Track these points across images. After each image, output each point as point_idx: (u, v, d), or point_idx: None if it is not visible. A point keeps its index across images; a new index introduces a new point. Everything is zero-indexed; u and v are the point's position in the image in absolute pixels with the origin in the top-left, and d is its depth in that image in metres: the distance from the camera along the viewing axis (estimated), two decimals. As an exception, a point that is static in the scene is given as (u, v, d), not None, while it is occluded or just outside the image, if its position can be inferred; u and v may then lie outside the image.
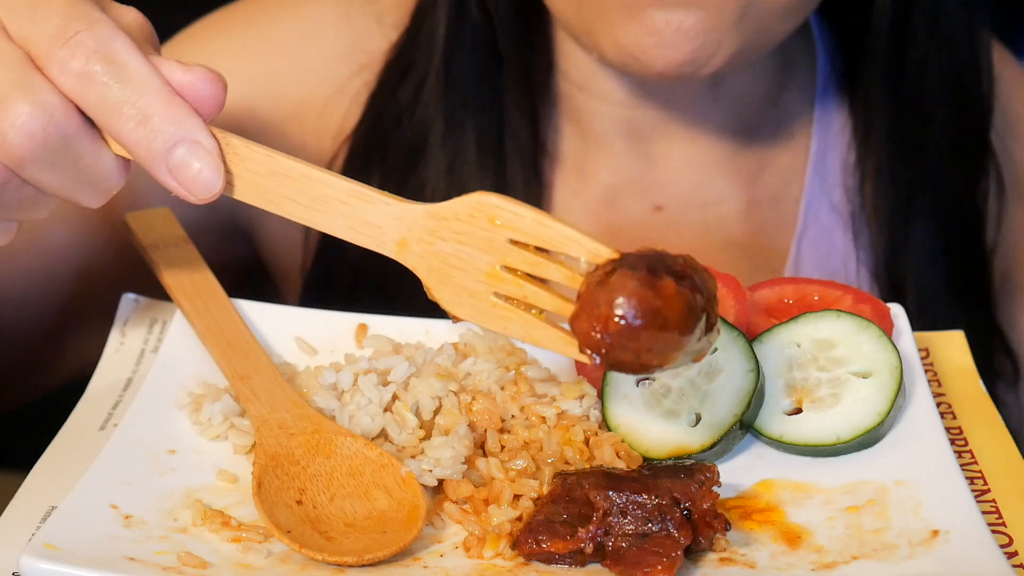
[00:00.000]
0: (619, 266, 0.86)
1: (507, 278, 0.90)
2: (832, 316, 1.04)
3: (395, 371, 1.04)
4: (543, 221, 0.89)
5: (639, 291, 0.85)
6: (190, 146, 0.86)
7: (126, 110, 0.85)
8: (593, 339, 0.86)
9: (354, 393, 1.02)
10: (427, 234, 0.90)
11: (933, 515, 0.92)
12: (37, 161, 0.86)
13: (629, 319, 0.85)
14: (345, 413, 1.01)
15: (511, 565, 0.91)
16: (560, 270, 0.89)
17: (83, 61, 0.85)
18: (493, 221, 0.89)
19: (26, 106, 0.84)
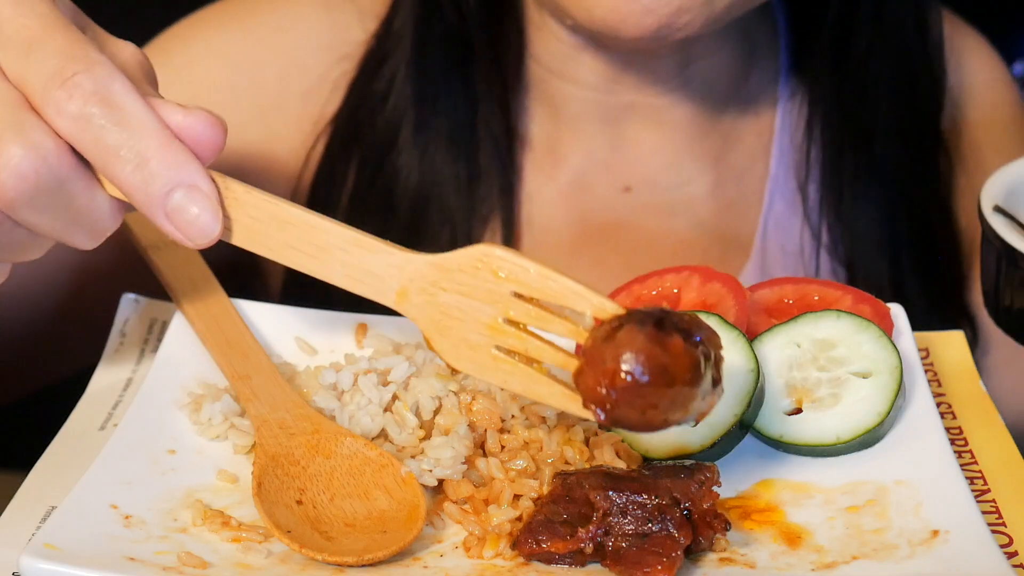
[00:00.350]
0: (626, 322, 0.86)
1: (509, 331, 0.89)
2: (832, 316, 1.04)
3: (395, 371, 1.04)
4: (548, 275, 0.88)
5: (647, 347, 0.84)
6: (188, 191, 0.85)
7: (123, 153, 0.84)
8: (598, 395, 0.85)
9: (354, 393, 1.02)
10: (428, 284, 0.89)
11: (933, 515, 0.92)
12: (29, 203, 0.84)
13: (636, 375, 0.84)
14: (345, 413, 1.01)
15: (511, 565, 0.91)
16: (564, 324, 0.88)
17: (80, 103, 0.83)
18: (497, 273, 0.88)
19: (19, 148, 0.83)
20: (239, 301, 1.12)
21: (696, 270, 1.11)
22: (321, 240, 0.89)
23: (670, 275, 1.11)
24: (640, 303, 1.10)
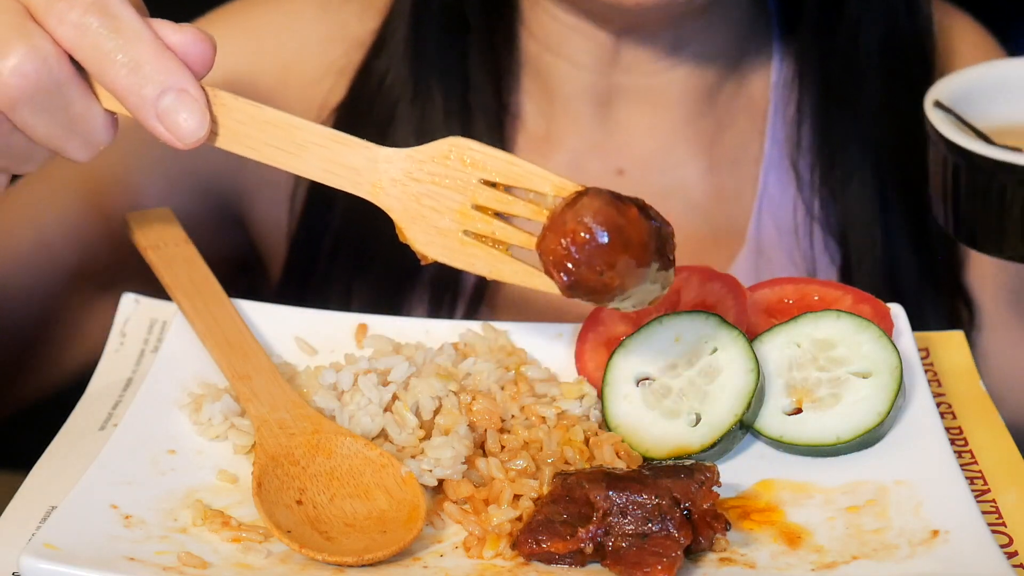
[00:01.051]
0: (585, 194, 0.92)
1: (477, 216, 0.94)
2: (832, 316, 1.04)
3: (395, 371, 1.04)
4: (512, 160, 0.95)
5: (605, 209, 0.90)
6: (178, 94, 0.91)
7: (118, 58, 0.90)
8: (559, 254, 0.91)
9: (354, 393, 1.02)
10: (402, 175, 0.95)
11: (933, 515, 0.92)
12: (29, 103, 0.90)
13: (595, 232, 0.90)
14: (345, 413, 1.01)
15: (511, 565, 0.91)
16: (528, 206, 0.94)
17: (80, 12, 0.89)
18: (465, 161, 0.94)
19: (22, 47, 0.88)
20: (239, 301, 1.12)
21: (696, 270, 1.11)
22: (301, 138, 0.95)
23: (670, 275, 1.11)
24: (640, 303, 1.11)
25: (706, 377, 1.01)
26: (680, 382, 1.02)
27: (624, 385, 1.03)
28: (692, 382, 1.02)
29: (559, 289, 0.92)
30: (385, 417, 1.00)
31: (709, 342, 1.02)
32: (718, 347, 1.02)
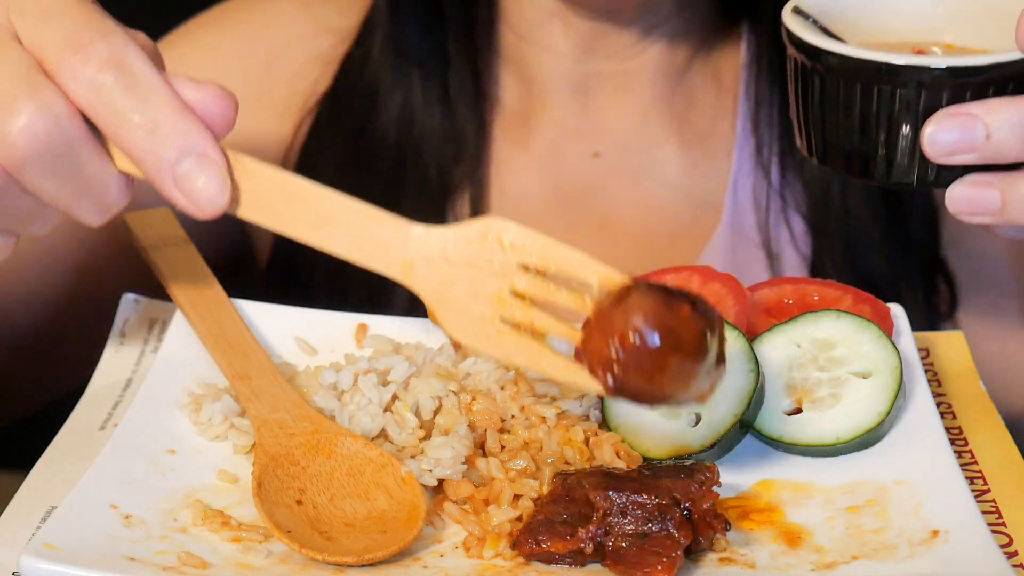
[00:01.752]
0: (634, 289, 0.86)
1: (515, 303, 0.88)
2: (832, 316, 1.04)
3: (395, 371, 1.04)
4: (554, 245, 0.88)
5: (657, 310, 0.84)
6: (198, 159, 0.85)
7: (136, 119, 0.84)
8: (606, 357, 0.85)
9: (354, 393, 1.02)
10: (435, 256, 0.89)
11: (933, 515, 0.92)
12: (39, 165, 0.84)
13: (646, 335, 0.84)
14: (345, 413, 1.01)
15: (511, 565, 0.91)
16: (570, 296, 0.88)
17: (95, 69, 0.83)
18: (503, 245, 0.88)
19: (31, 105, 0.83)
20: (239, 301, 1.12)
21: (696, 270, 1.11)
22: (327, 211, 0.88)
23: (670, 275, 1.11)
24: (640, 303, 1.11)
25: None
26: (680, 382, 1.02)
27: (624, 385, 1.03)
28: (692, 382, 1.02)
29: (603, 390, 0.87)
30: (385, 417, 1.00)
31: (709, 342, 1.02)
32: (718, 347, 1.02)
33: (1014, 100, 0.90)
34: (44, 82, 0.84)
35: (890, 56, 0.93)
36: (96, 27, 0.84)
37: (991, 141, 0.90)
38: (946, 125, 0.91)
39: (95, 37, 0.84)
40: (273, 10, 1.47)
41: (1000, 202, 0.91)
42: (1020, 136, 0.90)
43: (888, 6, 1.04)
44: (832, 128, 0.97)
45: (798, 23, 0.98)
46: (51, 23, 0.84)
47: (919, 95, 0.93)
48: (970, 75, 0.92)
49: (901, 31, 1.03)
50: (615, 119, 1.44)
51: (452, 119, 1.40)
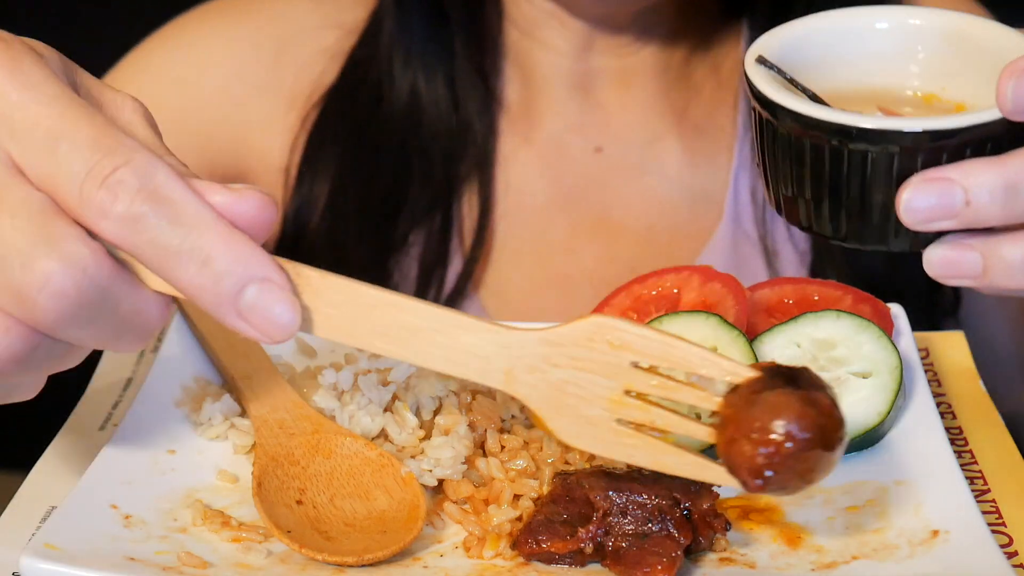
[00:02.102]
0: (769, 384, 0.82)
1: (631, 403, 0.84)
2: (832, 316, 1.04)
3: (395, 371, 1.04)
4: (671, 342, 0.83)
5: (803, 410, 0.81)
6: (261, 285, 0.76)
7: (185, 253, 0.75)
8: (756, 463, 0.81)
9: (354, 393, 1.02)
10: (539, 361, 0.83)
11: (933, 515, 0.92)
12: (71, 321, 0.75)
13: (798, 439, 0.81)
14: (345, 413, 1.01)
15: (511, 565, 0.91)
16: (693, 392, 0.84)
17: (127, 203, 0.74)
18: (613, 344, 0.83)
19: (53, 263, 0.73)
20: (239, 301, 1.12)
21: (696, 270, 1.11)
22: (412, 323, 0.81)
23: (670, 275, 1.11)
24: (640, 303, 1.11)
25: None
26: (680, 382, 1.02)
27: (624, 385, 1.03)
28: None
29: (745, 488, 0.83)
30: (385, 417, 1.00)
31: (709, 342, 1.02)
32: (718, 347, 1.02)
33: (993, 162, 0.85)
34: (64, 229, 0.74)
35: (863, 118, 0.87)
36: (114, 149, 0.75)
37: (970, 207, 0.84)
38: (923, 191, 0.85)
39: (118, 163, 0.74)
40: (284, 1, 1.48)
41: (982, 267, 0.86)
42: (1001, 201, 0.84)
43: (854, 51, 0.98)
44: (800, 188, 0.91)
45: (762, 76, 0.92)
46: (61, 151, 0.75)
47: (893, 158, 0.87)
48: (947, 137, 0.86)
49: (867, 77, 0.98)
50: (616, 115, 1.44)
51: (457, 114, 1.41)
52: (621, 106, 1.44)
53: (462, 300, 1.36)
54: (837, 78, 0.97)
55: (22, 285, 0.74)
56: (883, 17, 0.99)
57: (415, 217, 1.39)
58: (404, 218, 1.39)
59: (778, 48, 0.95)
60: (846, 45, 0.98)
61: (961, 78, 0.96)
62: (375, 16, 1.43)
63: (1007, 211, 0.84)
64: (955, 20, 0.97)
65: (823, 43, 0.98)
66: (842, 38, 0.98)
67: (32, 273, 0.74)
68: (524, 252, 1.41)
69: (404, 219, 1.39)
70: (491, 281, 1.39)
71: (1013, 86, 0.83)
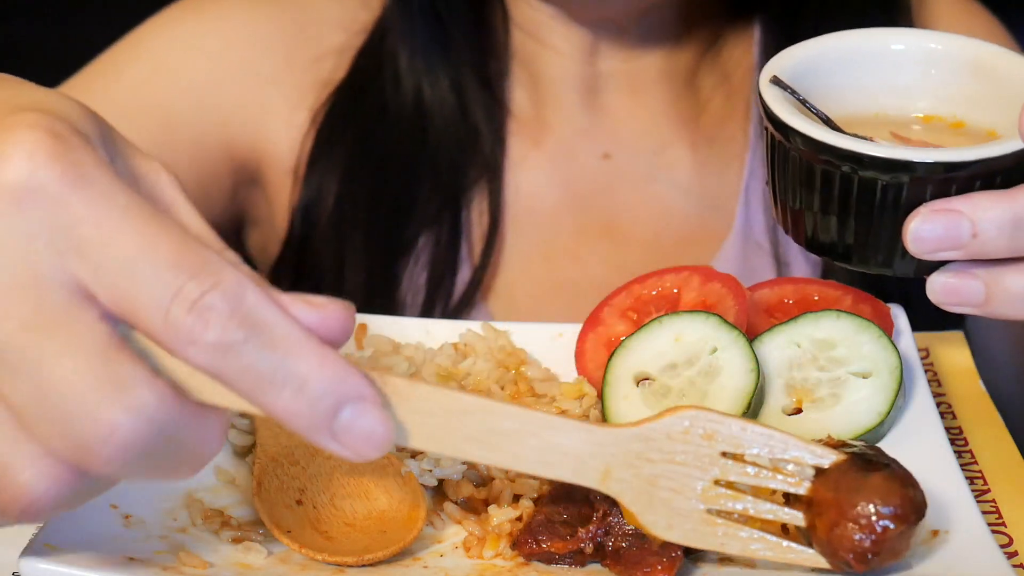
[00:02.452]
0: (860, 467, 0.86)
1: (722, 493, 0.85)
2: (832, 316, 1.04)
3: (395, 371, 1.04)
4: (759, 431, 0.85)
5: (906, 493, 0.85)
6: (355, 405, 0.72)
7: (279, 378, 0.70)
8: (863, 548, 0.84)
9: (354, 393, 1.02)
10: (634, 458, 0.83)
11: (933, 515, 0.92)
12: (130, 467, 0.70)
13: (904, 522, 0.84)
14: (345, 413, 1.01)
15: (511, 565, 0.91)
16: (784, 479, 0.86)
17: (219, 330, 0.68)
18: (706, 435, 0.84)
19: (120, 414, 0.67)
20: (239, 301, 1.12)
21: (696, 270, 1.11)
22: (504, 427, 0.79)
23: (670, 275, 1.11)
24: (640, 303, 1.11)
25: (706, 377, 1.01)
26: (680, 382, 1.02)
27: (624, 385, 1.03)
28: (692, 382, 1.02)
29: (844, 571, 0.86)
30: (385, 417, 1.00)
31: (709, 342, 1.02)
32: (718, 347, 1.02)
33: (1002, 196, 0.86)
34: (130, 371, 0.68)
35: (874, 147, 0.89)
36: (200, 270, 0.69)
37: (977, 240, 0.86)
38: (930, 221, 0.87)
39: (206, 287, 0.68)
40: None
41: (984, 296, 0.88)
42: (1008, 234, 0.85)
43: (868, 73, 0.99)
44: (808, 210, 0.93)
45: (776, 96, 0.93)
46: (141, 273, 0.68)
47: (902, 187, 0.88)
48: (957, 169, 0.87)
49: (881, 100, 0.99)
50: (625, 121, 1.44)
51: (465, 119, 1.40)
52: (630, 113, 1.43)
53: (470, 307, 1.36)
54: (851, 100, 0.98)
55: (83, 435, 0.67)
56: (899, 39, 1.00)
57: (423, 223, 1.38)
58: (412, 223, 1.38)
59: (792, 68, 0.96)
60: (861, 67, 0.99)
61: (966, 104, 0.98)
62: (380, 21, 1.42)
63: (1013, 244, 0.86)
64: (974, 48, 0.98)
65: (837, 64, 0.99)
66: (857, 59, 0.99)
67: (95, 424, 0.67)
68: (532, 258, 1.40)
69: (412, 224, 1.38)
70: (499, 287, 1.38)
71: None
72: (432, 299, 1.36)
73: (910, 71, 1.00)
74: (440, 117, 1.39)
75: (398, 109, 1.40)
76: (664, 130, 1.44)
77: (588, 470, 0.83)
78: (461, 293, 1.36)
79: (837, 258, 0.94)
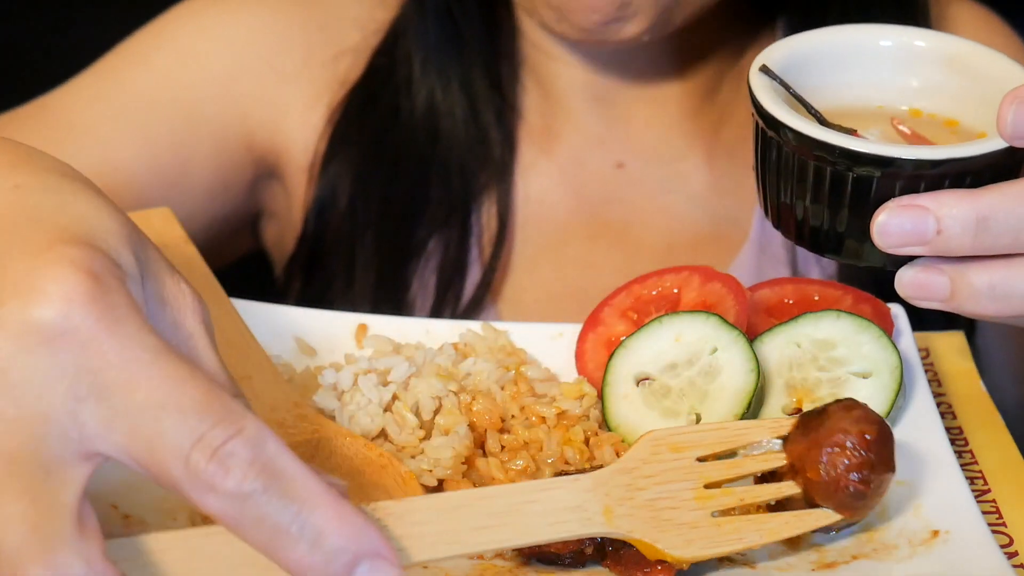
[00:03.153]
0: (811, 415, 0.90)
1: (716, 493, 0.88)
2: (832, 316, 1.04)
3: (395, 371, 1.04)
4: (717, 427, 0.90)
5: (858, 408, 0.89)
6: (371, 561, 0.70)
7: (295, 530, 0.69)
8: (855, 466, 0.87)
9: (354, 393, 1.02)
10: (624, 491, 0.86)
11: (933, 515, 0.92)
12: None
13: (873, 425, 0.88)
14: (345, 413, 1.01)
15: (511, 565, 0.91)
16: (758, 461, 0.90)
17: (239, 478, 0.68)
18: (673, 448, 0.89)
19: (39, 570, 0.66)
20: (239, 301, 1.12)
21: (696, 270, 1.11)
22: (501, 505, 0.82)
23: (670, 275, 1.11)
24: (640, 303, 1.11)
25: (706, 377, 1.01)
26: (680, 382, 1.02)
27: (624, 385, 1.03)
28: (692, 382, 1.02)
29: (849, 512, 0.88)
30: (385, 417, 1.00)
31: (709, 342, 1.02)
32: (718, 347, 1.02)
33: (967, 195, 0.88)
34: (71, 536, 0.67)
35: (845, 139, 0.91)
36: (223, 417, 0.69)
37: (941, 236, 0.88)
38: (897, 216, 0.89)
39: (229, 433, 0.68)
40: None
41: (950, 291, 0.90)
42: (972, 232, 0.87)
43: (856, 68, 1.01)
44: (787, 198, 0.96)
45: (763, 85, 0.96)
46: (166, 420, 0.68)
47: (872, 181, 0.91)
48: (928, 168, 0.89)
49: (867, 93, 1.01)
50: (640, 131, 1.42)
51: (476, 121, 1.39)
52: (645, 122, 1.42)
53: (479, 310, 1.36)
54: (838, 93, 1.00)
55: None
56: (888, 36, 1.02)
57: (434, 225, 1.38)
58: (422, 226, 1.38)
59: (782, 59, 0.98)
60: (849, 61, 1.01)
61: (956, 99, 0.99)
62: (396, 21, 1.42)
63: (977, 242, 0.88)
64: (958, 46, 1.00)
65: (827, 57, 1.01)
66: (846, 53, 1.01)
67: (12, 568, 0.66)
68: (542, 264, 1.39)
69: (422, 227, 1.38)
70: (508, 292, 1.38)
71: (1014, 112, 0.87)
72: (441, 302, 1.36)
73: (901, 67, 1.01)
74: (451, 119, 1.39)
75: (410, 111, 1.39)
76: (680, 141, 1.42)
77: (592, 515, 0.84)
78: (470, 297, 1.36)
79: (811, 246, 0.97)
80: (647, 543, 0.86)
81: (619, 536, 0.86)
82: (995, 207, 0.87)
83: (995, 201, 0.87)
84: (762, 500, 0.89)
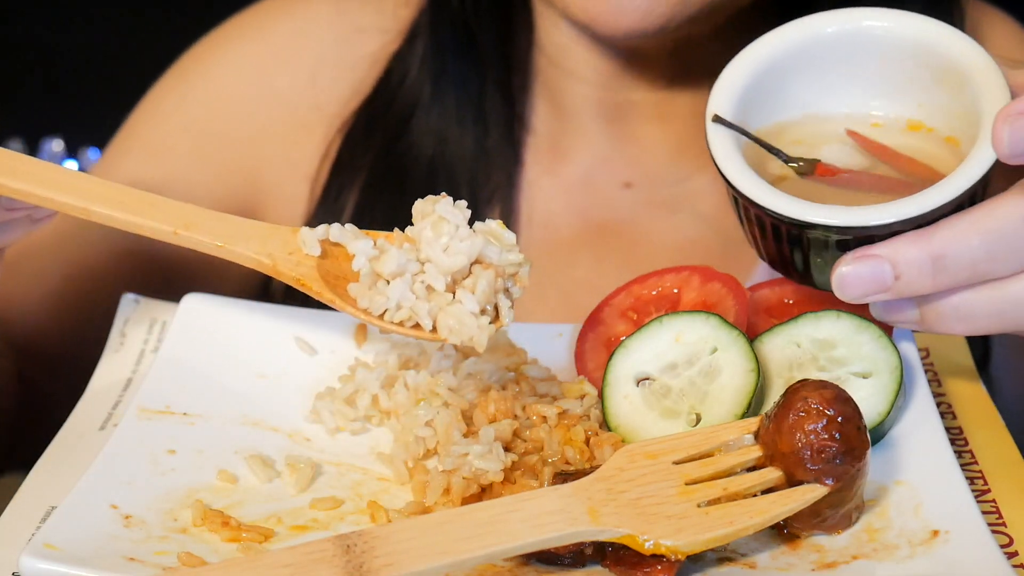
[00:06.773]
0: (776, 413, 0.91)
1: (698, 488, 0.90)
2: (832, 316, 1.04)
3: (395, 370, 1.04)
4: (689, 432, 0.94)
5: (812, 382, 0.91)
6: None
7: None
8: (826, 431, 0.90)
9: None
10: (605, 495, 0.89)
11: (933, 515, 0.92)
12: None
13: (831, 392, 0.90)
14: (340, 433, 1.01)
15: (511, 565, 0.91)
16: (737, 455, 0.92)
17: None
18: (648, 455, 0.92)
19: None
20: (239, 301, 1.12)
21: (696, 270, 1.11)
22: (484, 517, 0.85)
23: (670, 275, 1.11)
24: (640, 303, 1.11)
25: (706, 377, 1.01)
26: (680, 382, 1.02)
27: (624, 385, 1.03)
28: (692, 382, 1.02)
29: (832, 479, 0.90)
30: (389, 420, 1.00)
31: (709, 342, 1.02)
32: (718, 347, 1.02)
33: (919, 237, 0.91)
34: None
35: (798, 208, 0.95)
36: None
37: (901, 281, 0.92)
38: (855, 270, 0.93)
39: None
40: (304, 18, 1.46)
41: (919, 316, 0.95)
42: (929, 273, 0.91)
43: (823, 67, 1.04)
44: (762, 242, 1.01)
45: (719, 137, 1.00)
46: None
47: (826, 241, 0.96)
48: (878, 230, 0.93)
49: (828, 108, 1.05)
50: (649, 150, 1.42)
51: (485, 140, 1.39)
52: (655, 142, 1.42)
53: None
54: (808, 100, 1.05)
55: None
56: (832, 22, 1.03)
57: None
58: None
59: (733, 95, 1.02)
60: (817, 60, 1.04)
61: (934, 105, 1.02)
62: (411, 29, 1.41)
63: (937, 281, 0.92)
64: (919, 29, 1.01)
65: (777, 67, 1.04)
66: (814, 52, 1.04)
67: None
68: (547, 284, 1.37)
69: None
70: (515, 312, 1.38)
71: (1009, 131, 0.87)
72: None
73: (868, 63, 1.03)
74: (459, 134, 1.38)
75: (420, 128, 1.39)
76: (689, 162, 1.41)
77: (577, 516, 0.87)
78: None
79: (796, 280, 1.03)
80: (636, 537, 0.87)
81: (607, 534, 0.87)
82: (947, 245, 0.90)
83: (946, 238, 0.90)
84: (746, 487, 0.90)
